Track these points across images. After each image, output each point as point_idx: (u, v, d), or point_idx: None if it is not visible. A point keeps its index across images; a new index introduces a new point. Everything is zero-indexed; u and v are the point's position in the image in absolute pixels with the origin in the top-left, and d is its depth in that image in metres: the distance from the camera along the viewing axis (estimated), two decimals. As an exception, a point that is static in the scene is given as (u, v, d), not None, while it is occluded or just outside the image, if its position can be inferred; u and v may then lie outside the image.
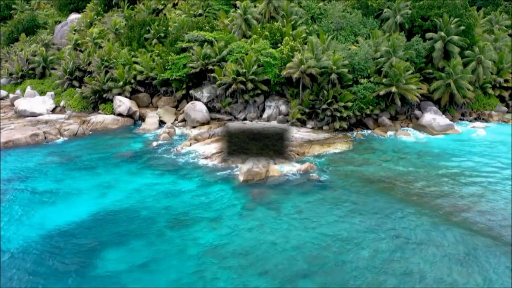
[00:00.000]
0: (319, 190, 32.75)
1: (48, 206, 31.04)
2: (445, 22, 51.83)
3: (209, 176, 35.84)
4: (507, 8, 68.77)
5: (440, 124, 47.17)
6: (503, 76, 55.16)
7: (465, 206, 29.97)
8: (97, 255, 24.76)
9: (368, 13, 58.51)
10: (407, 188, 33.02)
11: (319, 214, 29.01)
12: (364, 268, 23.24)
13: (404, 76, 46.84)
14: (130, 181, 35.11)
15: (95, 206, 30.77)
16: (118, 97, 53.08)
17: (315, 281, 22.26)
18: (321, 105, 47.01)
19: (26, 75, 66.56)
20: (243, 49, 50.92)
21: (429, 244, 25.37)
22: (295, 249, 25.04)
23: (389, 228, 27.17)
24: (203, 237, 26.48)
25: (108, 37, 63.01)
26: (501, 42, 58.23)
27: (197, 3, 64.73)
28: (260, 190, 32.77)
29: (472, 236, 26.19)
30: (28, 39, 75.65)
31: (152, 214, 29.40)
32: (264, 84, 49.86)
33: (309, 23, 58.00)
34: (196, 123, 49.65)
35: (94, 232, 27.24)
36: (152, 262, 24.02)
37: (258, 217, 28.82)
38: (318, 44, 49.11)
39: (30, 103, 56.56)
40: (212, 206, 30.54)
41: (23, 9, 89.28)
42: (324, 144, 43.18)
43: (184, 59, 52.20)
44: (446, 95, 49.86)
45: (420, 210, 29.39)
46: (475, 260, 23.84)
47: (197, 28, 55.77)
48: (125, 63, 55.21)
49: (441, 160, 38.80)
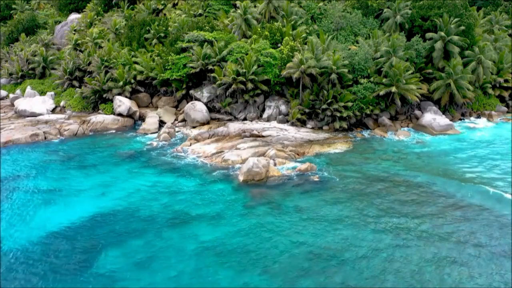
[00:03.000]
0: (319, 190, 32.75)
1: (48, 205, 31.04)
2: (445, 22, 51.85)
3: (209, 175, 35.86)
4: (507, 8, 68.84)
5: (440, 124, 47.16)
6: (503, 76, 55.20)
7: (465, 206, 29.97)
8: (97, 254, 24.74)
9: (368, 13, 58.53)
10: (407, 188, 33.03)
11: (319, 214, 29.03)
12: (365, 267, 23.22)
13: (404, 76, 46.84)
14: (130, 181, 35.14)
15: (95, 205, 30.78)
16: (118, 97, 53.08)
17: (315, 280, 22.25)
18: (321, 105, 47.01)
19: (26, 75, 66.56)
20: (243, 49, 50.91)
21: (429, 244, 25.34)
22: (295, 248, 25.03)
23: (389, 227, 27.17)
24: (203, 236, 26.47)
25: (108, 37, 63.03)
26: (501, 42, 58.30)
27: (197, 3, 64.76)
28: (260, 190, 32.78)
29: (473, 237, 26.19)
30: (28, 39, 75.70)
31: (152, 213, 29.42)
32: (264, 84, 49.85)
33: (309, 23, 58.00)
34: (196, 123, 49.65)
35: (94, 231, 27.24)
36: (152, 261, 24.02)
37: (258, 216, 28.83)
38: (318, 44, 49.11)
39: (30, 103, 56.57)
40: (212, 205, 30.54)
41: (23, 9, 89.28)
42: (324, 144, 43.18)
43: (184, 59, 52.19)
44: (446, 95, 49.85)
45: (420, 210, 29.40)
46: (477, 263, 23.85)
47: (197, 28, 55.78)
48: (125, 63, 55.21)
49: (441, 160, 38.80)
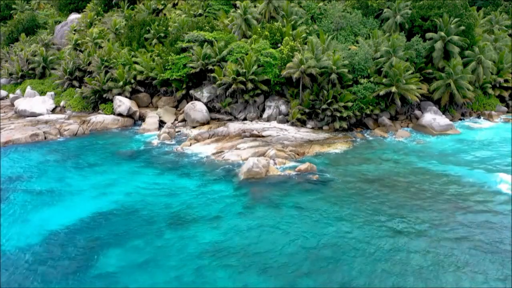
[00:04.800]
0: (319, 190, 32.74)
1: (48, 205, 31.02)
2: (445, 22, 51.85)
3: (209, 175, 35.85)
4: (507, 8, 68.87)
5: (440, 124, 47.16)
6: (503, 76, 55.21)
7: (465, 206, 29.98)
8: (97, 255, 24.71)
9: (368, 13, 58.54)
10: (407, 187, 33.01)
11: (319, 213, 29.00)
12: (365, 267, 23.19)
13: (404, 76, 46.85)
14: (130, 180, 35.13)
15: (95, 205, 30.74)
16: (118, 97, 53.09)
17: (315, 280, 22.23)
18: (321, 105, 47.01)
19: (26, 75, 66.59)
20: (243, 49, 50.91)
21: (429, 245, 25.32)
22: (296, 247, 25.02)
23: (389, 227, 27.16)
24: (203, 236, 26.45)
25: (108, 37, 63.05)
26: (501, 42, 58.31)
27: (197, 3, 64.78)
28: (260, 190, 32.74)
29: (473, 236, 26.19)
30: (28, 39, 75.72)
31: (152, 213, 29.40)
32: (264, 84, 49.85)
33: (309, 23, 58.01)
34: (196, 123, 49.65)
35: (93, 232, 27.20)
36: (152, 261, 23.99)
37: (258, 216, 28.81)
38: (318, 44, 49.12)
39: (30, 103, 56.59)
40: (212, 205, 30.52)
41: (23, 9, 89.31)
42: (324, 144, 43.17)
43: (184, 59, 52.19)
44: (446, 95, 49.86)
45: (420, 210, 29.38)
46: (475, 263, 23.86)
47: (197, 28, 55.79)
48: (125, 63, 55.22)
49: (441, 160, 38.76)
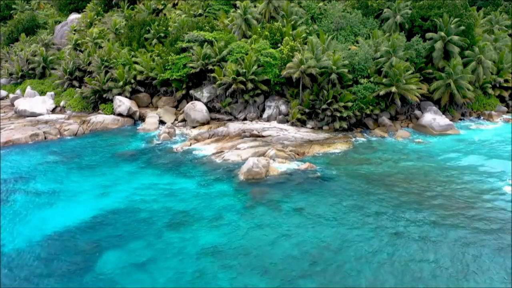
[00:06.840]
0: (319, 190, 32.74)
1: (48, 206, 31.02)
2: (445, 22, 51.83)
3: (209, 175, 35.85)
4: (507, 8, 68.76)
5: (440, 124, 47.15)
6: (503, 76, 55.16)
7: (465, 205, 29.97)
8: (97, 256, 24.73)
9: (368, 13, 58.51)
10: (407, 187, 33.00)
11: (319, 213, 29.01)
12: (365, 266, 23.21)
13: (404, 76, 46.82)
14: (130, 181, 35.14)
15: (95, 205, 30.76)
16: (118, 97, 53.07)
17: (315, 281, 22.25)
18: (321, 105, 47.00)
19: (26, 75, 66.55)
20: (243, 49, 50.90)
21: (427, 246, 25.34)
22: (295, 248, 25.04)
23: (389, 227, 27.16)
24: (203, 236, 26.46)
25: (108, 37, 63.02)
26: (501, 42, 58.22)
27: (197, 3, 64.76)
28: (260, 190, 32.75)
29: (474, 236, 26.20)
30: (28, 39, 75.64)
31: (152, 214, 29.40)
32: (264, 84, 49.83)
33: (309, 23, 57.99)
34: (196, 123, 49.64)
35: (94, 232, 27.22)
36: (152, 262, 24.00)
37: (258, 216, 28.83)
38: (318, 44, 49.10)
39: (30, 103, 56.56)
40: (212, 205, 30.53)
41: (23, 9, 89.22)
42: (324, 144, 43.17)
43: (184, 59, 52.18)
44: (446, 95, 49.83)
45: (420, 210, 29.38)
46: (476, 263, 23.85)
47: (197, 28, 55.77)
48: (125, 63, 55.20)
49: (441, 160, 38.79)
